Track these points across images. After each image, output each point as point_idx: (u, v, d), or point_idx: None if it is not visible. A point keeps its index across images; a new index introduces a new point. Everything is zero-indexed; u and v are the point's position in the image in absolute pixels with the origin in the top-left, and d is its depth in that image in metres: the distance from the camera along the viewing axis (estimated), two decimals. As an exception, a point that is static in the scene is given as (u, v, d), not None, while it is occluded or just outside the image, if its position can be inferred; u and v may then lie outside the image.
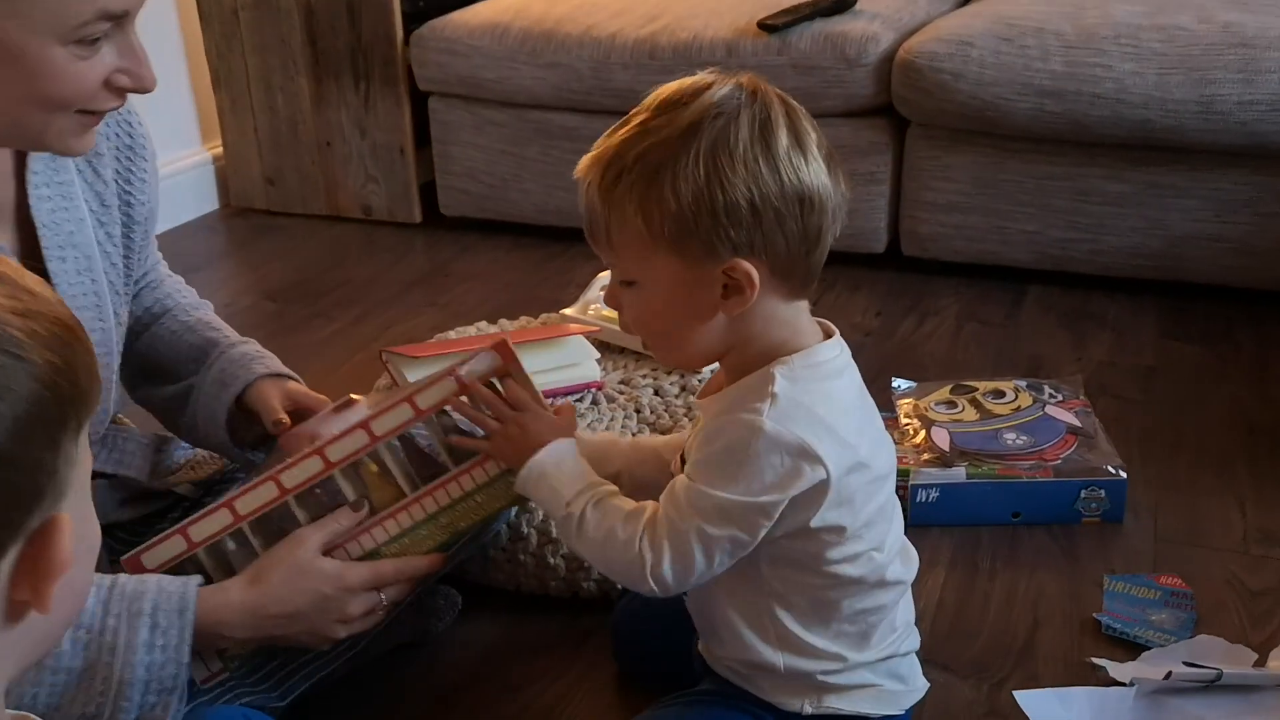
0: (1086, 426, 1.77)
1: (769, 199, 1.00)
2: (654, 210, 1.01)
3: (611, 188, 1.03)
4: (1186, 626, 1.46)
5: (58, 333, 0.60)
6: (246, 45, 2.84)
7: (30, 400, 0.58)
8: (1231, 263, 2.29)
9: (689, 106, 1.02)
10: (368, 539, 1.20)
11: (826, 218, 1.04)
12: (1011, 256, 2.43)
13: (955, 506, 1.67)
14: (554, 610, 1.51)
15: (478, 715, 1.37)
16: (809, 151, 1.02)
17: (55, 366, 0.59)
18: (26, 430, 0.58)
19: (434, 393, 1.22)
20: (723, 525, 1.05)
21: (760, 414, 1.03)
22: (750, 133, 1.00)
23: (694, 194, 1.00)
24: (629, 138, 1.03)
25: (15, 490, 0.58)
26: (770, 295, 1.05)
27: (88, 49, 1.00)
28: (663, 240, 1.02)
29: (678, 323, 1.08)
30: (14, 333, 0.58)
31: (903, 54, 2.35)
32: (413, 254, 2.75)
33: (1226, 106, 2.14)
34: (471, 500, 1.22)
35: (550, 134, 2.67)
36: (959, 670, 1.40)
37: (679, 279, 1.04)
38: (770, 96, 1.03)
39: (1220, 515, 1.68)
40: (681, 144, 1.00)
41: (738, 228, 1.01)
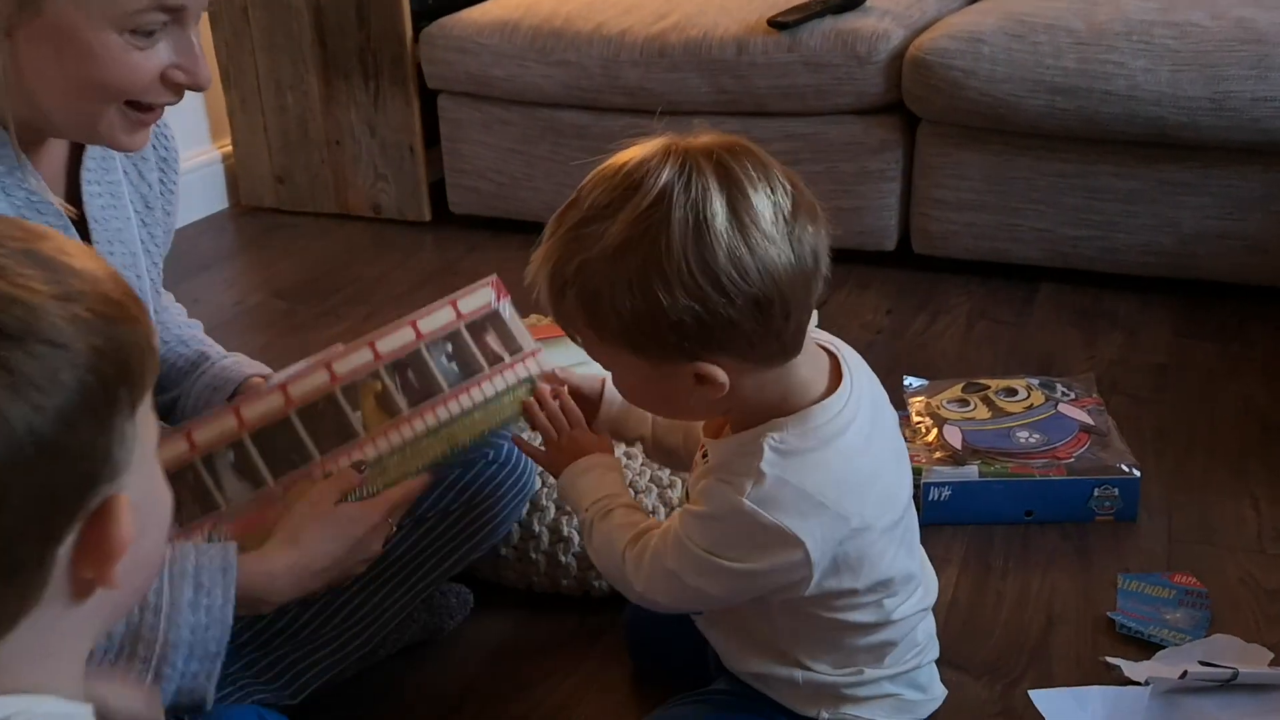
0: (1099, 425, 1.76)
1: (716, 312, 0.94)
2: (603, 324, 0.98)
3: (559, 300, 1.00)
4: (1201, 625, 1.45)
5: (104, 312, 0.59)
6: (256, 44, 2.84)
7: (74, 389, 0.57)
8: (1244, 260, 2.28)
9: (617, 215, 0.95)
10: (371, 448, 1.22)
11: (792, 303, 0.97)
12: (1023, 254, 2.42)
13: (967, 505, 1.66)
14: (565, 609, 1.51)
15: (489, 713, 1.37)
16: (755, 239, 0.94)
17: (99, 350, 0.58)
18: (73, 419, 0.57)
19: (433, 320, 1.28)
20: (698, 578, 1.05)
21: (742, 492, 1.01)
22: (683, 245, 0.92)
23: (634, 316, 0.95)
24: (566, 244, 0.98)
25: (66, 478, 0.58)
26: (752, 372, 1.01)
27: (144, 40, 1.01)
28: (621, 345, 0.99)
29: (658, 400, 1.09)
30: (55, 320, 0.57)
31: (913, 51, 2.34)
32: (422, 252, 2.75)
33: (1240, 103, 2.13)
34: (470, 416, 1.25)
35: (560, 132, 2.67)
36: (972, 670, 1.39)
37: (646, 372, 1.01)
38: (705, 179, 0.94)
39: (1234, 514, 1.67)
40: (613, 265, 0.95)
41: (689, 341, 0.96)
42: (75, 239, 0.90)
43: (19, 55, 1.00)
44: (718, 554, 1.03)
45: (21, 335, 0.56)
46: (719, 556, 1.04)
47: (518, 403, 1.27)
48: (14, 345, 0.55)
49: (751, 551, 1.03)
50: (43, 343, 0.56)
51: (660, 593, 1.10)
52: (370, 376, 1.25)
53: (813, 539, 1.01)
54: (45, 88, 1.02)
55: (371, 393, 1.25)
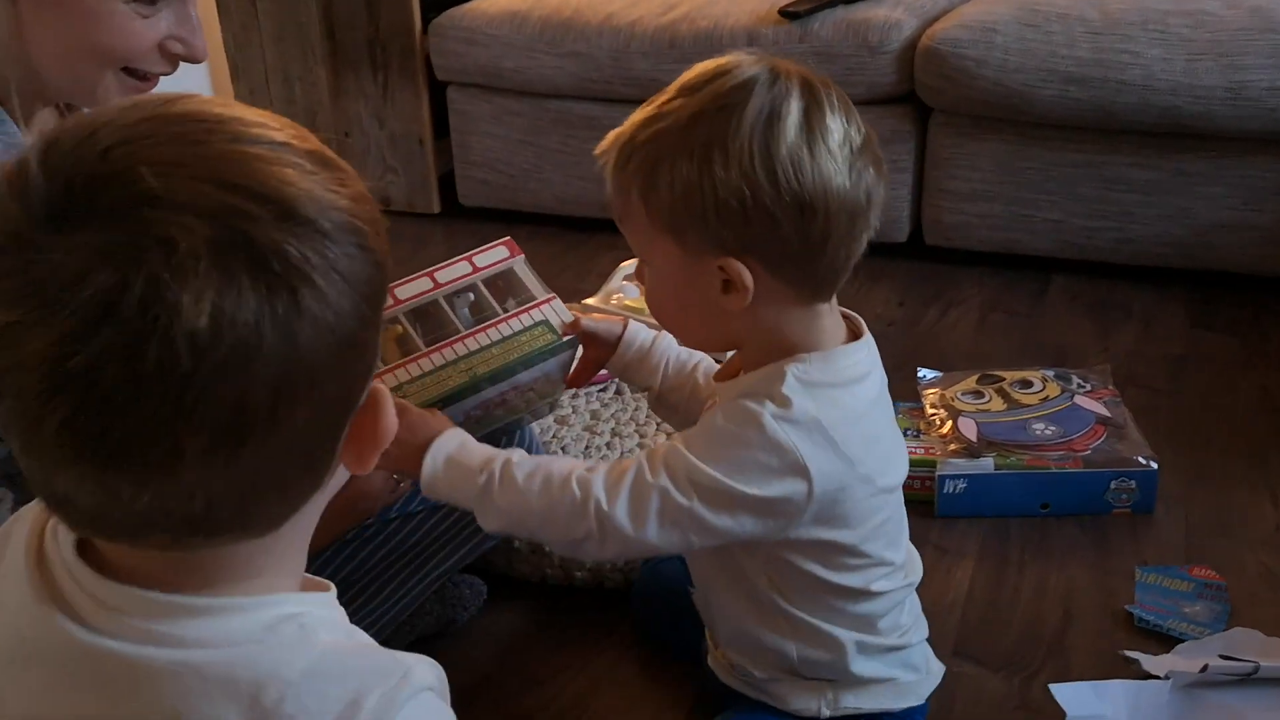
0: (1116, 416, 1.75)
1: (762, 202, 0.95)
2: (652, 198, 0.99)
3: (621, 169, 1.01)
4: (1220, 619, 1.44)
5: (374, 209, 0.64)
6: (265, 35, 2.83)
7: (373, 283, 0.61)
8: (1260, 251, 2.26)
9: (699, 92, 0.98)
10: (390, 378, 1.22)
11: (835, 223, 0.97)
12: (1036, 245, 2.40)
13: (983, 497, 1.65)
14: (579, 601, 1.50)
15: (503, 707, 1.36)
16: (819, 150, 0.96)
17: (379, 247, 0.62)
18: (368, 315, 0.61)
19: (449, 272, 1.31)
20: (687, 495, 1.01)
21: (764, 407, 1.00)
22: (752, 128, 0.95)
23: (685, 188, 0.96)
24: (644, 119, 1.01)
25: (360, 371, 0.63)
26: (778, 296, 1.01)
27: (148, 8, 1.05)
28: (661, 227, 1.00)
29: (686, 308, 1.06)
30: (359, 223, 0.61)
31: (926, 41, 2.33)
32: (432, 244, 2.73)
33: (1256, 93, 2.12)
34: (488, 351, 1.26)
35: (570, 123, 2.65)
36: (990, 664, 1.38)
37: (680, 266, 1.01)
38: (790, 85, 0.97)
39: (1252, 505, 1.66)
40: (683, 134, 0.97)
41: (727, 228, 0.97)
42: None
43: (22, 17, 1.03)
44: (722, 473, 1.01)
45: (341, 240, 0.59)
46: (723, 475, 1.00)
47: (535, 340, 1.27)
48: (339, 248, 0.59)
49: (756, 475, 1.01)
50: (355, 245, 0.60)
51: (634, 509, 1.02)
52: (389, 320, 1.26)
53: (820, 472, 1.01)
54: (45, 50, 1.05)
55: (393, 336, 1.27)
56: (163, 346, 0.54)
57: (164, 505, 0.58)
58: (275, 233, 0.57)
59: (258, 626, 0.64)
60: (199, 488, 0.58)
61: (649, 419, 1.72)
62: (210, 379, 0.55)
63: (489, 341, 1.26)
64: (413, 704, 0.64)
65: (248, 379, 0.56)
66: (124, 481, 0.57)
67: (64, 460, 0.57)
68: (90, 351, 0.54)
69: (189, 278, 0.54)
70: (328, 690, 0.62)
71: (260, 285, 0.56)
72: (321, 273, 0.58)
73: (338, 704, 0.62)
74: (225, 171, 0.57)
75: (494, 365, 1.25)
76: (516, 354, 1.26)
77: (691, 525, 1.02)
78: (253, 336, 0.55)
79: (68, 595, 0.63)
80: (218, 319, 0.54)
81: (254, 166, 0.58)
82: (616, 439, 1.65)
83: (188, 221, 0.55)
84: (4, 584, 0.67)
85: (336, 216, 0.59)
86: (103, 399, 0.55)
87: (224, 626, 0.63)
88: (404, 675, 0.65)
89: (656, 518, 1.02)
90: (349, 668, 0.64)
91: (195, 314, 0.54)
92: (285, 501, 0.64)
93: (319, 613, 0.68)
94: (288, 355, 0.57)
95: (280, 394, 0.57)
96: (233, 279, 0.55)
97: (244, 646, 0.63)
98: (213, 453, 0.57)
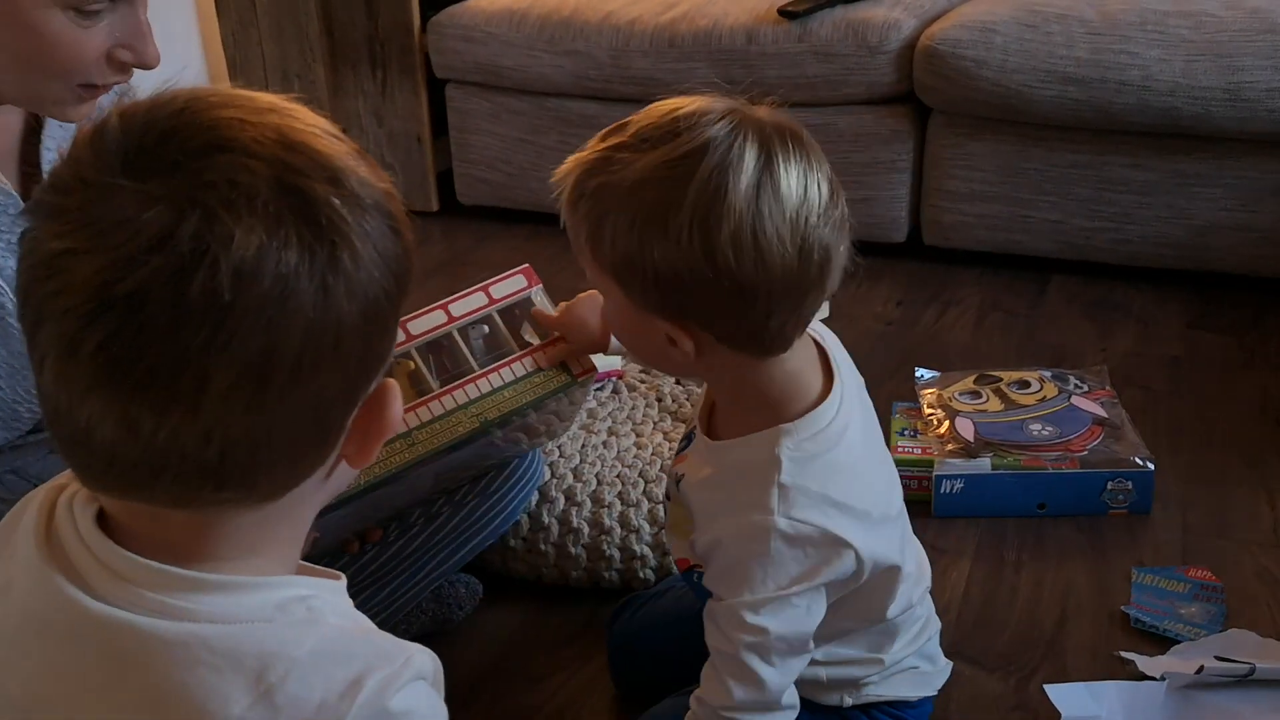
0: (1113, 417, 1.75)
1: (701, 281, 0.91)
2: (598, 248, 0.96)
3: (573, 207, 0.98)
4: (1216, 620, 1.44)
5: (406, 213, 0.68)
6: (263, 33, 2.83)
7: (402, 267, 0.65)
8: (1258, 252, 2.26)
9: (652, 149, 0.92)
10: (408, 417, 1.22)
11: (776, 302, 0.93)
12: (1034, 246, 2.40)
13: (980, 498, 1.65)
14: (575, 600, 1.50)
15: (499, 706, 1.36)
16: (765, 230, 0.90)
17: (410, 243, 0.67)
18: (396, 294, 0.65)
19: (465, 304, 1.29)
20: (765, 633, 1.00)
21: (771, 513, 0.98)
22: (694, 206, 0.89)
23: (625, 253, 0.93)
24: (597, 160, 0.96)
25: (378, 350, 0.66)
26: (727, 357, 0.98)
27: (87, 19, 1.00)
28: (609, 275, 0.97)
29: (635, 342, 1.04)
30: (393, 209, 0.65)
31: (925, 41, 2.33)
32: (430, 243, 2.73)
33: (1254, 94, 2.12)
34: (499, 394, 1.25)
35: (569, 122, 2.65)
36: (986, 663, 1.38)
37: (627, 311, 0.99)
38: (745, 148, 0.91)
39: (1249, 507, 1.66)
40: (627, 196, 0.92)
41: (669, 297, 0.93)
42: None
43: None
44: (772, 591, 1.00)
45: (379, 215, 0.64)
46: (767, 592, 1.00)
47: (548, 382, 1.26)
48: (376, 223, 0.63)
49: (798, 568, 1.00)
50: (390, 226, 0.65)
51: (747, 682, 1.02)
52: (402, 356, 1.26)
53: (854, 538, 1.00)
54: None
55: (404, 372, 1.25)
56: (208, 275, 0.57)
57: (180, 444, 0.60)
58: (325, 191, 0.61)
59: (268, 605, 0.66)
60: (216, 429, 0.60)
61: (645, 418, 1.72)
62: (247, 315, 0.58)
63: (501, 383, 1.25)
64: (408, 690, 0.66)
65: (283, 323, 0.59)
66: (146, 412, 0.59)
67: (94, 386, 0.59)
68: (138, 277, 0.57)
69: (244, 213, 0.58)
70: (332, 671, 0.64)
71: (306, 234, 0.60)
72: (360, 238, 0.62)
73: (340, 684, 0.64)
74: (289, 137, 0.62)
75: (505, 410, 1.24)
76: (528, 398, 1.25)
77: (790, 643, 1.02)
78: (293, 278, 0.59)
79: (79, 567, 0.65)
80: (263, 254, 0.58)
81: (310, 137, 0.63)
82: (613, 438, 1.65)
83: (253, 165, 0.60)
84: (14, 566, 0.69)
85: (375, 194, 0.64)
86: (143, 324, 0.57)
87: (236, 603, 0.65)
88: (405, 661, 0.67)
89: (766, 666, 1.02)
90: (354, 650, 0.66)
91: (245, 245, 0.58)
92: (291, 467, 0.65)
93: (329, 598, 0.70)
94: (321, 309, 0.60)
95: (307, 346, 0.60)
96: (282, 222, 0.59)
97: (254, 624, 0.65)
98: (236, 392, 0.59)
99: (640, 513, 1.51)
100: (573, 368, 1.28)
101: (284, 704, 0.62)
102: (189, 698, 0.62)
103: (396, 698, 0.65)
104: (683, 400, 1.75)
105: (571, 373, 1.27)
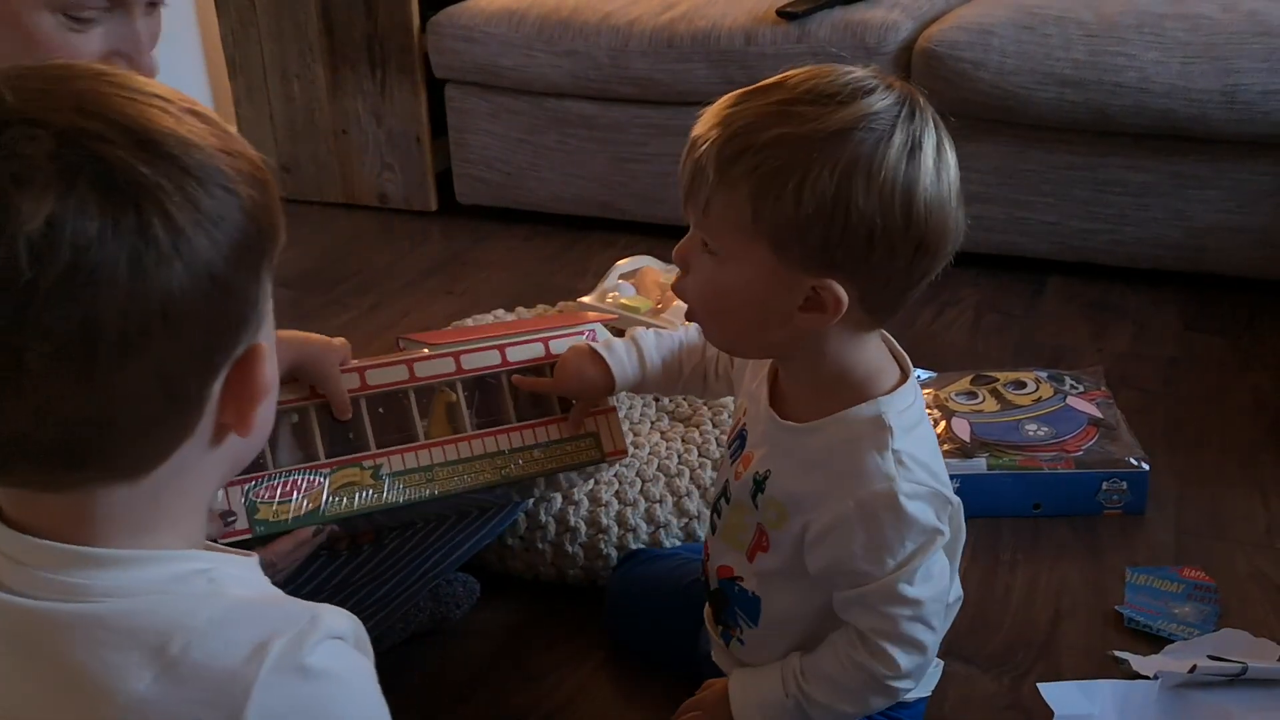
0: (1108, 418, 1.75)
1: (890, 234, 0.93)
2: (767, 205, 0.93)
3: (730, 162, 0.94)
4: (1210, 620, 1.45)
5: (254, 171, 0.65)
6: (263, 32, 2.83)
7: (241, 230, 0.63)
8: (1254, 254, 2.27)
9: (845, 107, 0.92)
10: (425, 455, 1.22)
11: (936, 262, 0.98)
12: (1031, 247, 2.41)
13: (976, 498, 1.65)
14: (572, 599, 1.51)
15: (496, 704, 1.37)
16: (945, 191, 0.95)
17: (256, 201, 0.64)
18: (238, 258, 0.63)
19: (522, 351, 1.29)
20: (924, 585, 1.02)
21: (894, 480, 1.00)
22: (898, 159, 0.92)
23: (817, 206, 0.92)
24: (766, 114, 0.94)
25: (229, 316, 0.64)
26: (850, 320, 0.99)
27: (80, 25, 0.99)
28: (765, 233, 0.94)
29: (745, 311, 1.01)
30: (224, 168, 0.63)
31: (923, 43, 2.33)
32: (429, 242, 2.74)
33: (1251, 96, 2.12)
34: (529, 452, 1.25)
35: (567, 122, 2.66)
36: (980, 663, 1.39)
37: (764, 274, 0.97)
38: (928, 119, 0.96)
39: (1243, 508, 1.67)
40: (823, 148, 0.91)
41: (847, 251, 0.94)
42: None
43: None
44: (912, 545, 1.01)
45: (202, 177, 0.61)
46: (915, 545, 1.01)
47: (579, 454, 1.27)
48: (197, 185, 0.61)
49: (929, 519, 1.02)
50: (219, 186, 0.62)
51: (913, 650, 1.04)
52: (446, 386, 1.26)
53: (950, 497, 1.05)
54: None
55: (444, 402, 1.26)
56: (5, 249, 0.56)
57: (15, 426, 0.60)
58: (127, 156, 0.59)
59: (164, 578, 0.66)
60: (48, 409, 0.59)
61: (642, 418, 1.73)
62: (54, 290, 0.57)
63: (533, 442, 1.25)
64: (324, 648, 0.65)
65: (95, 297, 0.58)
66: None
67: None
68: None
69: (29, 186, 0.57)
70: (234, 636, 0.64)
71: (106, 203, 0.58)
72: (177, 204, 0.60)
73: (245, 648, 0.63)
74: (89, 104, 0.60)
75: (529, 470, 1.25)
76: (554, 464, 1.26)
77: (941, 598, 1.05)
78: (94, 249, 0.57)
79: None
80: (55, 226, 0.57)
81: (120, 102, 0.61)
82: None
83: (37, 135, 0.58)
84: None
85: (199, 156, 0.62)
86: None
87: (129, 578, 0.65)
88: (311, 620, 0.66)
89: (928, 631, 1.04)
90: (255, 614, 0.66)
91: (31, 218, 0.56)
92: (148, 443, 0.64)
93: (231, 570, 0.70)
94: (136, 280, 0.58)
95: (130, 317, 0.59)
96: (72, 190, 0.57)
97: (149, 597, 0.65)
98: (57, 369, 0.58)
99: (637, 512, 1.52)
100: (605, 445, 1.28)
101: (188, 675, 0.62)
102: (92, 678, 0.62)
103: (313, 656, 0.64)
104: (680, 400, 1.76)
105: (603, 449, 1.28)
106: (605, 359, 1.26)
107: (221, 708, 0.62)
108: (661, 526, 1.51)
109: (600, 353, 1.26)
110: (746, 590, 1.14)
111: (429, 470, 1.22)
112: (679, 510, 1.53)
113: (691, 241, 1.01)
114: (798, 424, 1.06)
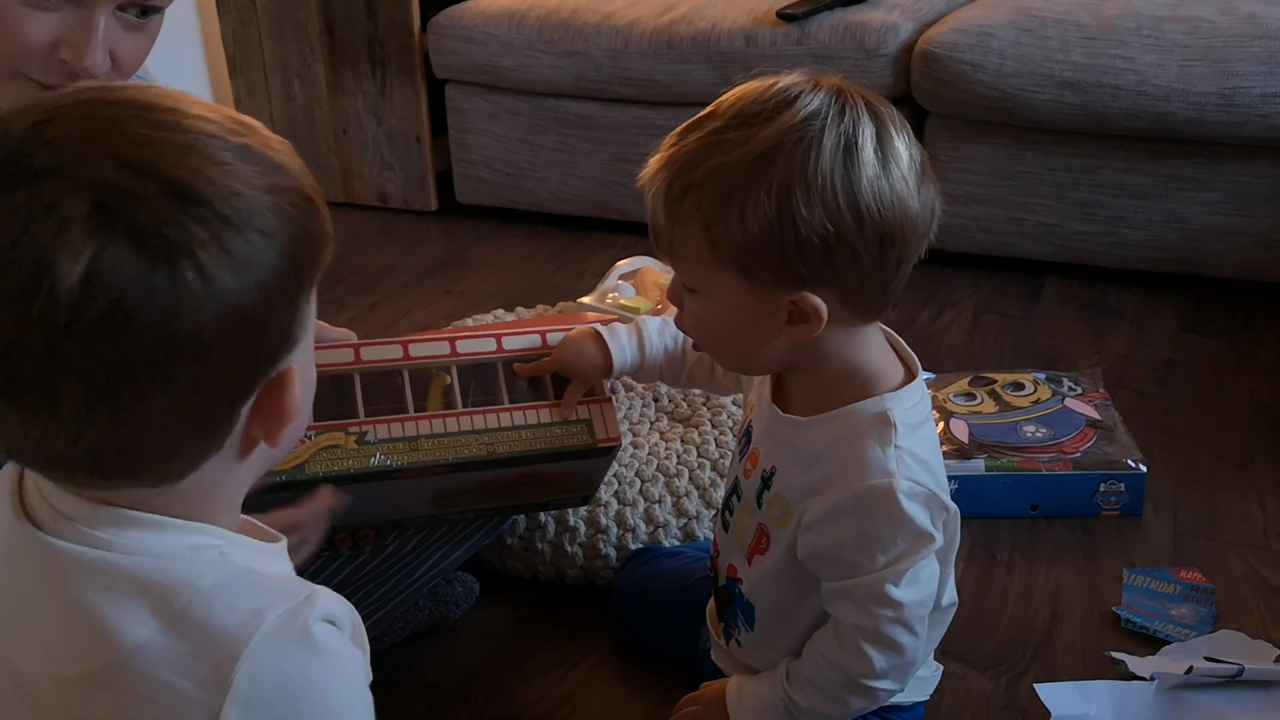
0: (1106, 419, 1.76)
1: (845, 237, 0.93)
2: (719, 235, 0.95)
3: (677, 202, 0.96)
4: (1206, 621, 1.45)
5: (301, 206, 0.68)
6: (263, 31, 2.84)
7: (275, 271, 0.65)
8: (1251, 256, 2.27)
9: (771, 122, 0.93)
10: (412, 426, 1.23)
11: (908, 250, 0.97)
12: (1030, 249, 2.41)
13: (973, 499, 1.66)
14: (571, 599, 1.51)
15: (494, 703, 1.37)
16: (894, 177, 0.94)
17: (296, 239, 0.67)
18: (271, 298, 0.66)
19: (518, 340, 1.30)
20: (910, 588, 1.03)
21: (892, 475, 1.00)
22: (832, 162, 0.92)
23: (762, 228, 0.93)
24: (699, 148, 0.95)
25: (261, 349, 0.67)
26: (841, 322, 1.00)
27: (38, 9, 0.97)
28: (727, 263, 0.96)
29: (738, 338, 1.03)
30: (265, 212, 0.65)
31: (922, 44, 2.34)
32: (429, 242, 2.74)
33: (1249, 99, 2.13)
34: (517, 432, 1.26)
35: (567, 122, 2.66)
36: (977, 663, 1.39)
37: (742, 300, 0.98)
38: (859, 111, 0.94)
39: (1240, 509, 1.67)
40: (755, 169, 0.92)
41: (808, 264, 0.94)
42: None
43: None
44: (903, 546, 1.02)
45: (240, 224, 0.63)
46: (905, 546, 1.02)
47: (569, 438, 1.26)
48: (235, 232, 0.63)
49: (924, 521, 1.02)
50: (257, 231, 0.64)
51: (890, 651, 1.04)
52: (441, 369, 1.26)
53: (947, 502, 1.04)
54: None
55: (440, 385, 1.26)
56: (46, 298, 0.60)
57: (51, 444, 0.64)
58: (165, 211, 0.61)
59: (180, 546, 0.70)
60: (82, 434, 0.64)
61: (642, 418, 1.74)
62: (89, 335, 0.60)
63: (523, 423, 1.25)
64: (316, 628, 0.69)
65: (128, 340, 0.61)
66: (15, 418, 0.63)
67: None
68: None
69: (68, 245, 0.60)
70: (235, 600, 0.68)
71: (141, 257, 0.60)
72: (211, 254, 0.62)
73: (243, 613, 0.68)
74: (130, 157, 0.62)
75: (516, 449, 1.24)
76: (542, 445, 1.25)
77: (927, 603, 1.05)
78: (129, 300, 0.60)
79: (36, 512, 0.72)
80: (91, 280, 0.60)
81: (159, 151, 0.63)
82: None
83: (74, 192, 0.60)
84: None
85: (238, 204, 0.64)
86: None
87: (150, 540, 0.70)
88: (308, 597, 0.70)
89: (908, 634, 1.04)
90: (258, 586, 0.70)
91: (69, 274, 0.59)
92: (176, 459, 0.68)
93: (245, 552, 0.74)
94: (166, 323, 0.62)
95: (159, 357, 0.62)
96: (109, 246, 0.60)
97: (164, 559, 0.69)
98: (92, 405, 0.63)
99: (636, 512, 1.52)
100: (597, 432, 1.27)
101: (188, 629, 0.67)
102: (98, 616, 0.67)
103: (304, 631, 0.68)
104: (679, 400, 1.76)
105: (595, 435, 1.27)
106: (606, 340, 1.27)
107: (212, 663, 0.66)
108: (660, 527, 1.51)
109: (602, 334, 1.27)
110: (744, 595, 1.15)
111: (414, 440, 1.21)
112: (678, 510, 1.53)
113: (675, 283, 1.05)
114: (801, 418, 1.07)
